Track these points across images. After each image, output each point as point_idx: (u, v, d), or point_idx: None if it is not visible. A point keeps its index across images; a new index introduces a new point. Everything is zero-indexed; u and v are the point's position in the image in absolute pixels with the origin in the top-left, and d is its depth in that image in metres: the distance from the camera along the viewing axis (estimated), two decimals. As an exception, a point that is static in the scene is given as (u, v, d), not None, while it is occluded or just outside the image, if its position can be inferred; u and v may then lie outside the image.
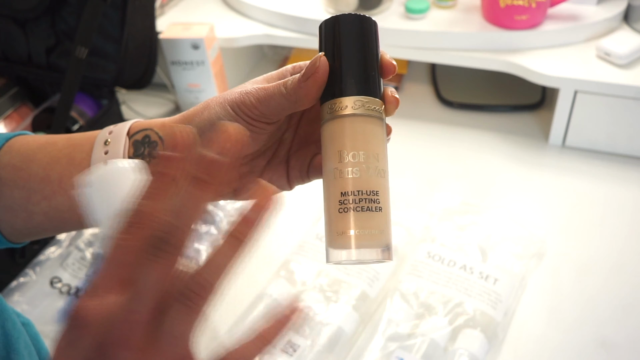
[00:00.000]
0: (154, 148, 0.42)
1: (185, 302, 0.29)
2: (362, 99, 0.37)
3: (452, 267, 0.71)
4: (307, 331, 0.66)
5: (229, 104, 0.39)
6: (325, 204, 0.38)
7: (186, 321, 0.29)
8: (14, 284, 0.76)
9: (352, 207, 0.36)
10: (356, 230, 0.36)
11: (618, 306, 0.69)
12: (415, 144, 0.94)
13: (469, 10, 0.94)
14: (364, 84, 0.37)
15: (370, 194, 0.36)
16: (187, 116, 0.41)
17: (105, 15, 0.84)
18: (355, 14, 0.38)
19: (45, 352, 0.50)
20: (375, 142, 0.37)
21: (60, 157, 0.43)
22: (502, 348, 0.65)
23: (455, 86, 1.04)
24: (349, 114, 0.36)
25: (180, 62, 0.97)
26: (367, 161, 0.36)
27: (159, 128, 0.42)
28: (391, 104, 0.38)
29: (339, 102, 0.37)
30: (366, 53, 0.38)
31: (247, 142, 0.30)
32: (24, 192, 0.43)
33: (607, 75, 0.83)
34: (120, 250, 0.28)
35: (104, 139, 0.42)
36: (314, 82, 0.37)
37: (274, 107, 0.38)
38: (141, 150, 0.42)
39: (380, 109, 0.38)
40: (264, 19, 1.01)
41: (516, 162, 0.89)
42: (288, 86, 0.38)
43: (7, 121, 0.90)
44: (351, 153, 0.36)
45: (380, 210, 0.36)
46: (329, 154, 0.37)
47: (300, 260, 0.74)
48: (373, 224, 0.36)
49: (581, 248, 0.75)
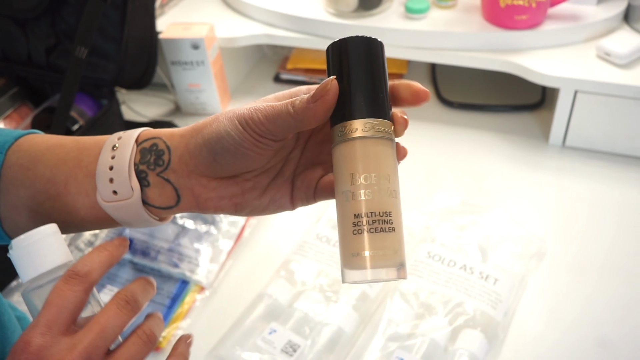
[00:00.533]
0: (160, 156, 0.42)
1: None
2: (372, 121, 0.37)
3: (452, 267, 0.71)
4: (307, 331, 0.66)
5: (237, 119, 0.39)
6: (339, 225, 0.38)
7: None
8: (14, 284, 0.76)
9: (365, 228, 0.37)
10: (371, 251, 0.36)
11: (617, 306, 0.69)
12: (415, 144, 0.93)
13: (469, 10, 0.94)
14: (373, 106, 0.38)
15: (383, 215, 0.37)
16: (196, 128, 0.42)
17: (105, 15, 0.85)
18: (362, 37, 0.39)
19: None
20: (386, 163, 0.38)
21: (67, 160, 0.43)
22: (502, 348, 0.65)
23: (455, 86, 1.04)
24: (360, 136, 0.37)
25: (180, 62, 0.97)
26: (378, 183, 0.37)
27: (167, 137, 0.42)
28: (400, 125, 0.39)
29: (349, 125, 0.37)
30: (374, 75, 0.38)
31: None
32: (29, 192, 0.43)
33: (607, 75, 0.83)
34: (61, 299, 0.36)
35: (112, 144, 0.42)
36: (322, 104, 0.37)
37: (281, 125, 0.38)
38: (147, 158, 0.42)
39: (390, 130, 0.38)
40: (264, 19, 1.01)
41: (516, 162, 0.89)
42: (296, 106, 0.38)
43: (7, 121, 0.90)
44: (363, 175, 0.37)
45: (393, 230, 0.37)
46: (341, 177, 0.38)
47: (300, 260, 0.74)
48: (387, 244, 0.37)
49: (581, 248, 0.75)
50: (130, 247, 0.77)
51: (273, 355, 0.64)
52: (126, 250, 0.40)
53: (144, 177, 0.42)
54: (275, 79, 1.10)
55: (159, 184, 0.42)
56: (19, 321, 0.48)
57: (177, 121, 1.01)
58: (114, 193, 0.41)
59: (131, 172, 0.41)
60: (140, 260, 0.76)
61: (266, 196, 0.43)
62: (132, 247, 0.77)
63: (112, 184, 0.41)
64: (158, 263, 0.75)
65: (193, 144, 0.41)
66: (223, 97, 1.03)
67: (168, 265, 0.75)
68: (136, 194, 0.41)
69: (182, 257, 0.76)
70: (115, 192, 0.41)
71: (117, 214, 0.42)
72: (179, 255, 0.75)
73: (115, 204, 0.41)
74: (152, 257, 0.76)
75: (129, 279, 0.76)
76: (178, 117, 1.03)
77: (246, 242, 0.80)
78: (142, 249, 0.76)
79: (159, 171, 0.42)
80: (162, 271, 0.75)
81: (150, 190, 0.42)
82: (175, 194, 0.42)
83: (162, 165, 0.41)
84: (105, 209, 0.42)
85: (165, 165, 0.41)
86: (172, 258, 0.75)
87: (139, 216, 0.42)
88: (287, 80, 1.09)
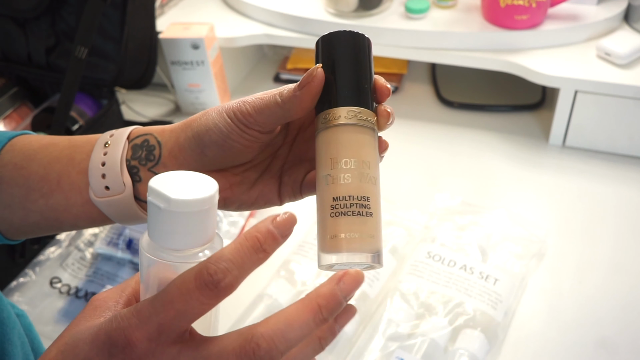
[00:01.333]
0: (151, 151, 0.42)
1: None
2: (354, 109, 0.38)
3: (452, 267, 0.71)
4: (307, 331, 0.66)
5: (225, 112, 0.40)
6: (319, 210, 0.39)
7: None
8: (14, 284, 0.76)
9: (343, 211, 0.37)
10: (347, 233, 0.37)
11: (618, 306, 0.69)
12: (415, 144, 0.94)
13: (469, 10, 0.94)
14: (357, 96, 0.39)
15: (362, 199, 0.37)
16: (186, 122, 0.43)
17: (105, 15, 0.84)
18: (349, 31, 0.40)
19: (37, 343, 0.51)
20: (367, 150, 0.38)
21: (60, 157, 0.44)
22: (502, 348, 0.65)
23: (455, 86, 1.04)
24: (342, 123, 0.38)
25: (180, 62, 0.97)
26: (358, 168, 0.37)
27: (158, 133, 0.43)
28: (383, 117, 0.39)
29: (333, 112, 0.38)
30: (359, 67, 0.40)
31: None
32: (23, 190, 0.43)
33: (607, 75, 0.83)
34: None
35: (104, 141, 0.43)
36: (308, 91, 0.38)
37: (268, 116, 0.39)
38: (139, 153, 0.43)
39: (373, 120, 0.39)
40: (264, 18, 1.01)
41: (516, 162, 0.89)
42: (284, 95, 0.39)
43: (6, 121, 0.90)
44: (343, 160, 0.37)
45: (371, 215, 0.37)
46: (322, 162, 0.39)
47: (300, 260, 0.74)
48: (364, 228, 0.37)
49: (581, 248, 0.75)
50: (130, 247, 0.77)
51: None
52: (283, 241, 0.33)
53: (136, 173, 0.42)
54: (275, 79, 1.10)
55: (148, 179, 0.42)
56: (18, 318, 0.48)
57: (177, 121, 1.01)
58: (106, 189, 0.42)
59: (123, 167, 0.42)
60: (140, 260, 0.76)
61: (254, 191, 0.43)
62: (132, 247, 0.77)
63: (104, 180, 0.42)
64: (158, 263, 0.75)
65: (183, 137, 0.42)
66: (223, 97, 1.03)
67: (168, 265, 0.75)
68: (128, 189, 0.42)
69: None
70: (108, 187, 0.42)
71: (110, 209, 0.42)
72: (179, 255, 0.75)
73: (107, 200, 0.42)
74: (152, 257, 0.76)
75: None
76: (178, 117, 1.03)
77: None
78: (142, 249, 0.76)
79: (150, 166, 0.42)
80: (162, 271, 0.75)
81: (141, 186, 0.42)
82: None
83: (153, 160, 0.42)
84: (97, 204, 0.42)
85: (156, 160, 0.42)
86: (172, 258, 0.75)
87: (131, 212, 0.43)
88: (287, 80, 1.09)
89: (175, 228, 0.31)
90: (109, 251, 0.77)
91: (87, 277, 0.77)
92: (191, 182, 0.32)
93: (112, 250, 0.77)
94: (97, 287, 0.75)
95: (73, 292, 0.75)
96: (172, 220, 0.31)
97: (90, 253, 0.80)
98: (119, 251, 0.77)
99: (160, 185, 0.31)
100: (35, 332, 0.52)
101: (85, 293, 0.75)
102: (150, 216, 0.32)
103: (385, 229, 0.75)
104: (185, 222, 0.31)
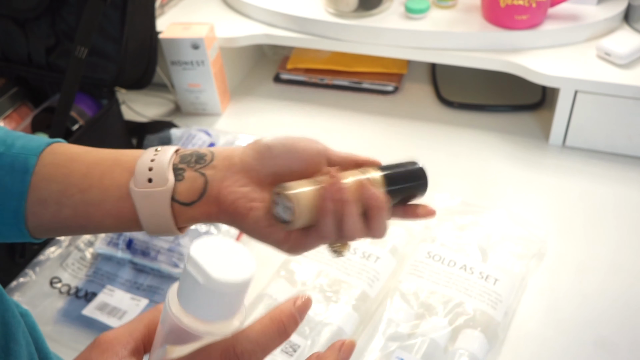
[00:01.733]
0: (202, 157, 0.45)
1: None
2: None
3: (452, 267, 0.71)
4: (307, 331, 0.66)
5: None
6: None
7: None
8: (14, 284, 0.76)
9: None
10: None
11: (618, 306, 0.69)
12: (415, 144, 0.94)
13: (469, 10, 0.94)
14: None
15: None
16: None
17: (105, 15, 0.84)
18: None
19: (41, 342, 0.51)
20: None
21: (105, 159, 0.46)
22: (502, 348, 0.65)
23: (455, 86, 1.04)
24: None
25: (180, 62, 0.97)
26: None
27: (212, 149, 0.47)
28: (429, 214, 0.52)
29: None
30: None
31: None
32: (61, 186, 0.45)
33: (607, 75, 0.83)
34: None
35: (153, 150, 0.46)
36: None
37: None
38: (188, 159, 0.45)
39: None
40: (264, 18, 1.01)
41: (516, 162, 0.89)
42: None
43: (7, 121, 0.90)
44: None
45: None
46: None
47: (300, 260, 0.74)
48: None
49: (581, 248, 0.75)
50: (130, 247, 0.77)
51: (273, 355, 0.64)
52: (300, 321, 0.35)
53: (180, 172, 0.44)
54: (275, 79, 1.10)
55: (191, 179, 0.44)
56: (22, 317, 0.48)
57: (177, 121, 1.01)
58: (148, 181, 0.44)
59: (169, 166, 0.44)
60: (140, 260, 0.76)
61: (274, 227, 0.45)
62: (132, 247, 0.77)
63: (150, 172, 0.44)
64: (158, 263, 0.75)
65: (240, 150, 0.46)
66: (223, 97, 1.03)
67: (168, 265, 0.75)
68: (169, 184, 0.44)
69: (182, 257, 0.76)
70: (151, 180, 0.44)
71: (143, 203, 0.44)
72: (179, 255, 0.75)
73: (145, 191, 0.43)
74: (152, 257, 0.76)
75: (129, 279, 0.76)
76: (178, 117, 1.03)
77: (246, 242, 0.80)
78: (142, 249, 0.76)
79: (198, 167, 0.45)
80: (162, 271, 0.75)
81: (181, 185, 0.44)
82: (202, 188, 0.44)
83: (203, 163, 0.45)
84: (133, 196, 0.44)
85: (207, 162, 0.45)
86: (172, 258, 0.75)
87: (162, 210, 0.44)
88: (287, 80, 1.09)
89: (210, 302, 0.31)
90: (109, 251, 0.77)
91: (87, 277, 0.77)
92: (231, 255, 0.32)
93: (112, 250, 0.77)
94: (97, 287, 0.75)
95: (73, 292, 0.75)
96: (209, 296, 0.31)
97: (90, 253, 0.80)
98: (119, 251, 0.77)
99: (200, 256, 0.31)
100: (40, 331, 0.52)
101: (86, 293, 0.75)
102: (186, 284, 0.32)
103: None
104: (220, 300, 0.32)
